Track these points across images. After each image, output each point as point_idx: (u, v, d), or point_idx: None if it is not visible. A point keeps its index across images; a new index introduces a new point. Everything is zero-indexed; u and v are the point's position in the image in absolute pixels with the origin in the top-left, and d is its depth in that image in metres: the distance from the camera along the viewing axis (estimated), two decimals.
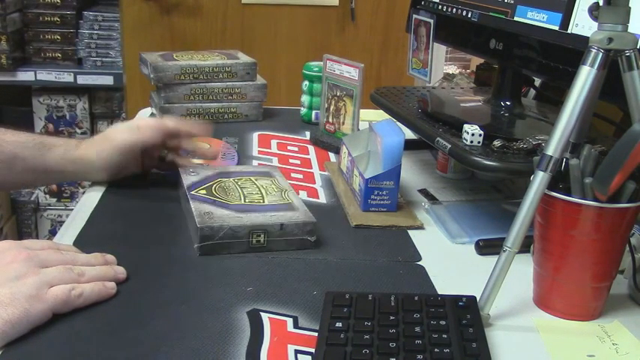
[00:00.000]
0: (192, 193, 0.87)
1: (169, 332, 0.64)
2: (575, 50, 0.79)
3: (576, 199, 0.66)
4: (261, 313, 0.68)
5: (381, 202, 0.92)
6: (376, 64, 2.32)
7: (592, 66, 0.65)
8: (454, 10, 1.07)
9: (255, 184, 0.91)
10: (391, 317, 0.64)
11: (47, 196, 2.36)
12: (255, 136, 1.26)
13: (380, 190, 0.92)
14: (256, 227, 0.81)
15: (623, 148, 0.62)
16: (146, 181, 0.99)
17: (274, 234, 0.81)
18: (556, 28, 0.85)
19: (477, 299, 0.68)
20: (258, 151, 1.18)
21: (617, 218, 0.66)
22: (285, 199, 0.87)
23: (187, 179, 0.92)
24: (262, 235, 0.81)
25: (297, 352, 0.63)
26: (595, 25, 0.65)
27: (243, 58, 1.36)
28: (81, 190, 2.32)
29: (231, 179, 0.92)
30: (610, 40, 0.64)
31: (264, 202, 0.86)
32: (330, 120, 1.20)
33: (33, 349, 0.61)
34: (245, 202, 0.86)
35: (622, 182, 0.64)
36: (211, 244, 0.79)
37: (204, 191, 0.88)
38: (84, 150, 0.93)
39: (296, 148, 1.20)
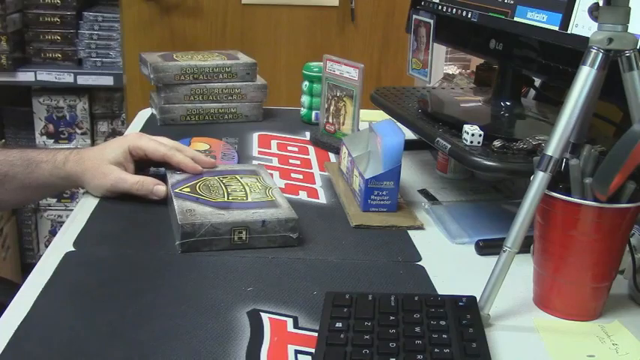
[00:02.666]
0: (176, 191, 0.87)
1: (169, 332, 0.64)
2: (575, 50, 0.79)
3: (576, 200, 0.66)
4: (261, 313, 0.68)
5: (381, 202, 0.92)
6: (376, 64, 2.32)
7: (592, 66, 0.65)
8: (454, 10, 1.07)
9: (239, 182, 0.91)
10: (391, 317, 0.64)
11: None
12: (255, 136, 1.26)
13: (380, 190, 0.92)
14: (238, 224, 0.80)
15: (623, 148, 0.62)
16: None
17: (256, 231, 0.81)
18: (556, 28, 0.85)
19: (477, 299, 0.68)
20: (258, 151, 1.18)
21: (617, 218, 0.66)
22: (269, 197, 0.87)
23: (172, 177, 0.92)
24: (244, 232, 0.81)
25: (297, 352, 0.63)
26: (595, 25, 0.66)
27: (243, 58, 1.36)
28: (81, 191, 2.32)
29: (216, 177, 0.92)
30: (610, 40, 0.64)
31: (247, 199, 0.86)
32: (330, 120, 1.20)
33: (33, 349, 0.61)
34: (228, 199, 0.86)
35: (622, 182, 0.64)
36: (193, 241, 0.79)
37: (188, 189, 0.88)
38: (72, 168, 0.93)
39: (296, 149, 1.20)
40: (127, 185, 0.91)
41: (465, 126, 0.88)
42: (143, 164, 0.97)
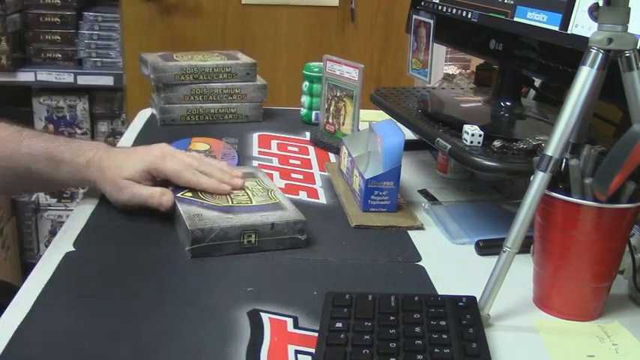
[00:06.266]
0: (179, 195, 0.87)
1: (169, 332, 0.64)
2: (575, 50, 0.79)
3: (576, 200, 0.66)
4: (261, 314, 0.68)
5: (381, 202, 0.92)
6: (376, 64, 2.32)
7: (592, 66, 0.65)
8: (454, 10, 1.07)
9: None
10: (391, 317, 0.64)
11: (47, 196, 2.36)
12: (255, 136, 1.26)
13: (380, 190, 0.92)
14: (247, 227, 0.80)
15: (623, 148, 0.62)
16: None
17: (265, 234, 0.81)
18: (556, 28, 0.85)
19: (477, 299, 0.68)
20: (258, 151, 1.18)
21: (616, 218, 0.67)
22: (273, 199, 0.87)
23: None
24: (253, 236, 0.80)
25: (297, 352, 0.63)
26: (595, 25, 0.66)
27: (243, 58, 1.36)
28: (81, 191, 2.32)
29: None
30: (610, 40, 0.64)
31: (252, 203, 0.86)
32: (330, 120, 1.20)
33: (32, 349, 0.61)
34: (233, 203, 0.85)
35: (622, 182, 0.64)
36: (203, 246, 0.79)
37: (189, 194, 0.87)
38: (92, 174, 0.89)
39: (296, 149, 1.21)
40: (142, 199, 0.87)
41: (464, 126, 0.88)
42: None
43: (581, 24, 0.81)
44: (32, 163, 0.89)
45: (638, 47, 0.65)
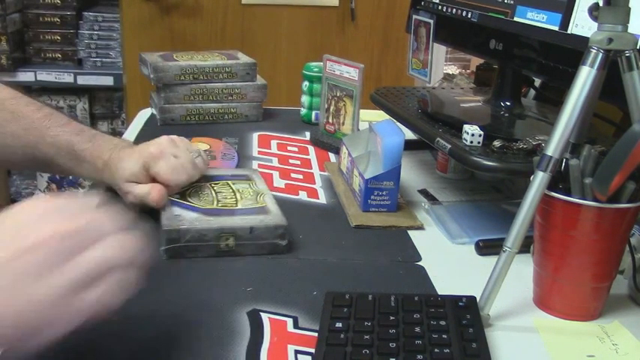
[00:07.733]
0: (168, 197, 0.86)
1: (170, 332, 0.64)
2: (575, 50, 0.79)
3: (576, 200, 0.66)
4: (261, 314, 0.68)
5: (381, 202, 0.92)
6: (376, 64, 2.32)
7: (592, 66, 0.65)
8: (454, 10, 1.07)
9: (231, 188, 0.90)
10: (391, 317, 0.64)
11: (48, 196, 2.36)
12: (255, 136, 1.26)
13: (380, 190, 0.92)
14: (225, 230, 0.79)
15: (623, 148, 0.62)
16: None
17: (244, 237, 0.79)
18: (556, 28, 0.85)
19: (477, 299, 0.68)
20: (258, 151, 1.18)
21: (616, 218, 0.67)
22: (260, 203, 0.86)
23: None
24: (231, 239, 0.79)
25: (297, 352, 0.63)
26: (595, 25, 0.66)
27: (243, 58, 1.36)
28: (81, 191, 2.32)
29: (207, 184, 0.91)
30: (610, 40, 0.64)
31: (237, 205, 0.85)
32: (330, 120, 1.20)
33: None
34: (217, 206, 0.85)
35: (622, 182, 0.64)
36: (178, 246, 0.78)
37: (177, 196, 0.86)
38: (107, 178, 0.88)
39: (296, 149, 1.21)
40: (140, 199, 0.85)
41: (464, 126, 0.88)
42: None
43: (581, 24, 0.81)
44: (55, 155, 0.88)
45: (638, 47, 0.65)
